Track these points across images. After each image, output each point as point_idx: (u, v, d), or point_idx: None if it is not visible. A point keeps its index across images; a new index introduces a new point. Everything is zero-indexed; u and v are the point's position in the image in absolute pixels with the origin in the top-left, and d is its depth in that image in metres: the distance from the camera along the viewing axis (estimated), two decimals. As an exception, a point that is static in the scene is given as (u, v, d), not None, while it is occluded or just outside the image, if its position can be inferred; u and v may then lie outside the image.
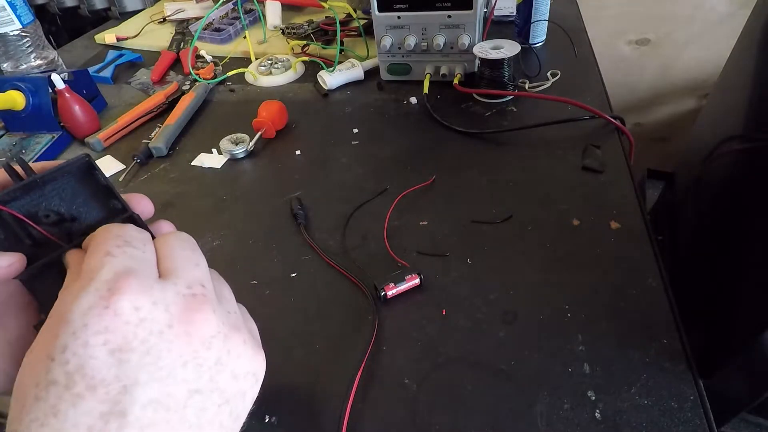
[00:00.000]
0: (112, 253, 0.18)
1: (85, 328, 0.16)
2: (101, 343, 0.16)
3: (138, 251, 0.19)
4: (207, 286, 0.20)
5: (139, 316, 0.17)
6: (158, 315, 0.17)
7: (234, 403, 0.19)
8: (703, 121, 1.07)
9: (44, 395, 0.16)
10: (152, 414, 0.16)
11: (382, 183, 0.56)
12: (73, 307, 0.17)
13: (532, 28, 0.79)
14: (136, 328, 0.17)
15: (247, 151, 0.64)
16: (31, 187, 0.22)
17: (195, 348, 0.18)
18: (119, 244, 0.19)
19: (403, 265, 0.46)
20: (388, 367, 0.39)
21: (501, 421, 0.35)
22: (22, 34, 0.80)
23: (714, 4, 1.22)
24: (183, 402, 0.17)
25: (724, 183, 0.76)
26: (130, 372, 0.16)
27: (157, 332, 0.17)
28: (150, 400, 0.16)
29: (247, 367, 0.20)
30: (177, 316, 0.18)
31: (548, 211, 0.50)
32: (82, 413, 0.16)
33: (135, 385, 0.16)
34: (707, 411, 0.34)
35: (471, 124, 0.64)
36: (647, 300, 0.41)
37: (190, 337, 0.18)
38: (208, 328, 0.18)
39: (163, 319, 0.17)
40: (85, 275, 0.18)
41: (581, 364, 0.37)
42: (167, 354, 0.17)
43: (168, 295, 0.18)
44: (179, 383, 0.17)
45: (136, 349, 0.17)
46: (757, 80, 0.74)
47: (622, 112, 0.71)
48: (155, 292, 0.18)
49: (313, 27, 0.88)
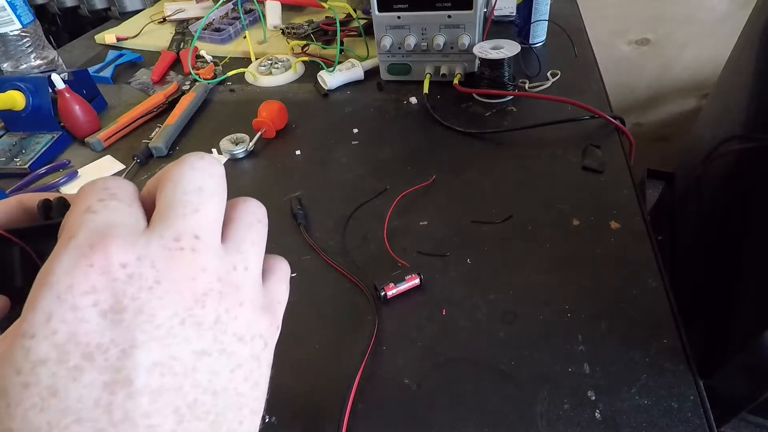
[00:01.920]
0: (92, 209, 0.16)
1: (70, 289, 0.15)
2: (91, 304, 0.15)
3: (123, 204, 0.17)
4: (203, 237, 0.17)
5: (126, 272, 0.15)
6: (145, 271, 0.16)
7: (248, 367, 0.18)
8: (703, 121, 1.07)
9: (33, 379, 0.14)
10: (159, 379, 0.15)
11: (382, 183, 0.56)
12: (54, 268, 0.15)
13: (532, 28, 0.79)
14: (125, 285, 0.15)
15: (247, 151, 0.64)
16: (52, 229, 0.20)
17: (188, 305, 0.16)
18: (102, 197, 0.17)
19: (403, 265, 0.46)
20: (388, 367, 0.39)
21: (501, 421, 0.35)
22: (22, 34, 0.80)
23: (714, 4, 1.22)
24: (191, 364, 0.16)
25: (724, 183, 0.76)
26: (125, 333, 0.15)
27: (147, 288, 0.15)
28: (153, 362, 0.15)
29: (252, 329, 0.18)
30: (163, 271, 0.16)
31: (548, 211, 0.50)
32: (84, 386, 0.14)
33: (133, 347, 0.15)
34: (707, 411, 0.34)
35: (471, 124, 0.64)
36: (647, 300, 0.41)
37: (181, 295, 0.16)
38: (199, 285, 0.16)
39: (150, 275, 0.16)
40: (64, 235, 0.16)
41: (581, 364, 0.37)
42: (161, 311, 0.15)
43: (152, 250, 0.16)
44: (181, 343, 0.16)
45: (128, 308, 0.15)
46: (757, 80, 0.74)
47: (622, 112, 0.71)
48: (139, 246, 0.16)
49: (313, 27, 0.88)
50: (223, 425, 0.16)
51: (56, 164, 0.66)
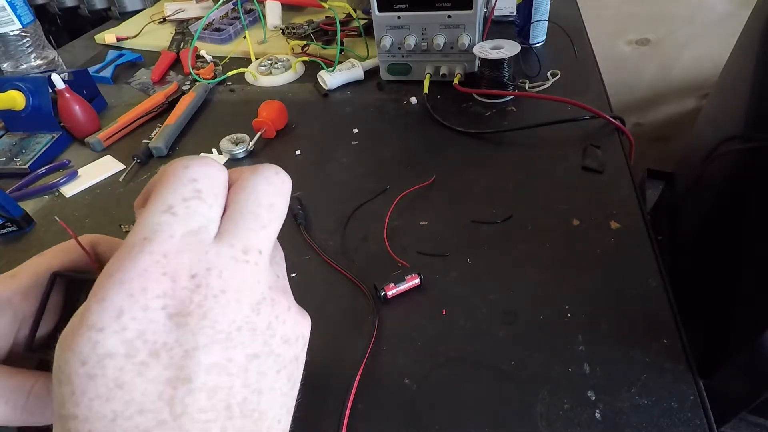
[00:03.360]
0: (173, 209, 0.17)
1: (144, 291, 0.15)
2: (161, 307, 0.16)
3: (205, 205, 0.18)
4: (264, 252, 0.19)
5: (195, 282, 0.16)
6: (212, 280, 0.17)
7: (290, 368, 0.19)
8: (703, 121, 1.07)
9: (99, 371, 0.15)
10: (216, 378, 0.16)
11: (382, 183, 0.56)
12: (128, 266, 0.16)
13: (532, 28, 0.79)
14: (192, 293, 0.16)
15: (247, 151, 0.64)
16: None
17: (246, 314, 0.17)
18: (186, 195, 0.18)
19: (403, 265, 0.46)
20: (388, 367, 0.39)
21: (501, 421, 0.35)
22: (22, 34, 0.80)
23: (714, 4, 1.22)
24: (244, 366, 0.17)
25: (724, 183, 0.76)
26: (189, 336, 0.16)
27: (212, 296, 0.17)
28: (213, 363, 0.16)
29: (296, 331, 0.20)
30: (228, 281, 0.17)
31: (548, 211, 0.50)
32: (149, 380, 0.15)
33: (196, 348, 0.16)
34: (707, 411, 0.34)
35: (471, 124, 0.64)
36: (647, 300, 0.41)
37: (241, 303, 0.17)
38: (255, 294, 0.18)
39: (216, 284, 0.17)
40: (140, 231, 0.17)
41: (581, 364, 0.37)
42: (223, 318, 0.17)
43: (222, 261, 0.17)
44: (237, 347, 0.17)
45: (193, 313, 0.16)
46: (757, 80, 0.74)
47: (622, 112, 0.71)
48: (210, 256, 0.17)
49: (313, 27, 0.88)
50: (265, 423, 0.18)
51: (56, 164, 0.66)
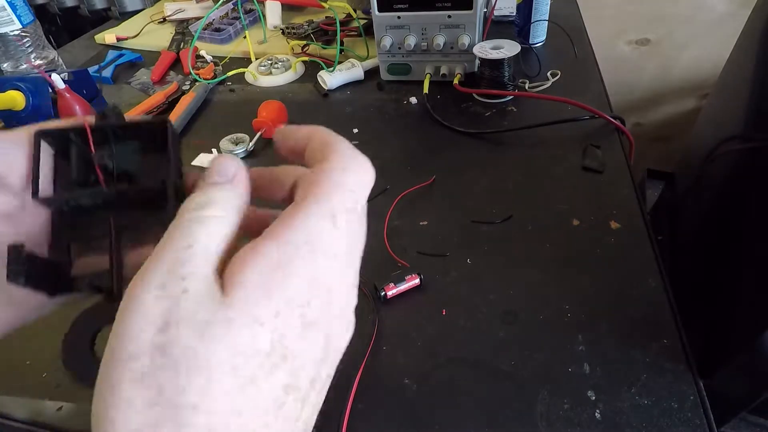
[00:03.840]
0: (337, 222, 0.18)
1: (293, 300, 0.17)
2: (299, 315, 0.17)
3: (357, 220, 0.19)
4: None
5: (327, 299, 0.18)
6: (335, 299, 0.18)
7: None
8: (703, 121, 1.07)
9: (242, 364, 0.15)
10: (318, 392, 0.18)
11: (382, 183, 0.56)
12: (289, 283, 0.17)
13: (532, 28, 0.79)
14: (321, 310, 0.18)
15: (247, 151, 0.64)
16: (105, 133, 0.22)
17: (347, 339, 0.20)
18: (349, 205, 0.18)
19: (403, 265, 0.46)
20: (388, 367, 0.39)
21: (501, 421, 0.35)
22: (22, 34, 0.80)
23: (714, 4, 1.22)
24: (324, 381, 0.19)
25: (724, 183, 0.76)
26: (309, 346, 0.17)
27: (334, 317, 0.18)
28: (312, 379, 0.17)
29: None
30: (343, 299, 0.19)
31: (548, 211, 0.50)
32: (273, 382, 0.16)
33: (311, 359, 0.17)
34: (707, 411, 0.34)
35: (471, 124, 0.64)
36: (647, 300, 0.41)
37: (351, 325, 0.20)
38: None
39: (337, 304, 0.18)
40: (298, 231, 0.17)
41: (581, 364, 0.37)
42: (342, 343, 0.19)
43: (352, 280, 0.19)
44: (330, 364, 0.19)
45: (318, 324, 0.17)
46: (757, 80, 0.74)
47: (622, 112, 0.71)
48: (349, 278, 0.19)
49: (313, 27, 0.88)
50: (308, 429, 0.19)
51: (56, 164, 0.66)
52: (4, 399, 0.41)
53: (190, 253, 0.16)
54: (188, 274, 0.16)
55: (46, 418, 0.39)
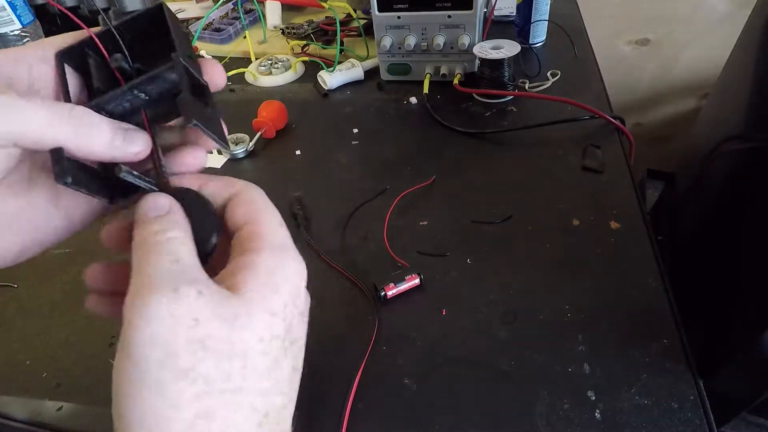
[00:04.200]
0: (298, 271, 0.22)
1: (298, 296, 0.21)
2: (296, 305, 0.21)
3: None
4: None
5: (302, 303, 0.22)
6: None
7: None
8: (703, 121, 1.07)
9: (270, 349, 0.19)
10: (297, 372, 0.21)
11: (382, 183, 0.56)
12: (300, 283, 0.21)
13: (532, 28, 0.79)
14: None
15: (247, 151, 0.64)
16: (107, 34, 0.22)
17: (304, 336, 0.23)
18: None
19: (403, 265, 0.46)
20: (388, 367, 0.39)
21: (501, 421, 0.35)
22: (22, 34, 0.80)
23: (714, 4, 1.21)
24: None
25: (724, 183, 0.76)
26: (301, 334, 0.21)
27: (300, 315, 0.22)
28: (302, 360, 0.22)
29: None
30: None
31: (548, 211, 0.50)
32: (287, 363, 0.19)
33: (302, 345, 0.21)
34: (707, 411, 0.34)
35: (471, 124, 0.64)
36: (647, 300, 0.41)
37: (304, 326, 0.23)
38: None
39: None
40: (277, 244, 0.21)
41: (581, 364, 0.37)
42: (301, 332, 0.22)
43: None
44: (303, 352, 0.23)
45: (305, 314, 0.22)
46: (757, 80, 0.74)
47: (622, 112, 0.71)
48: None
49: (313, 27, 0.88)
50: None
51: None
52: (4, 399, 0.41)
53: (181, 266, 0.18)
54: (194, 280, 0.18)
55: (46, 418, 0.39)
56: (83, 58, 0.23)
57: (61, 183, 0.19)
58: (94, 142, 0.20)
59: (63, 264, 0.52)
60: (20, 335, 0.45)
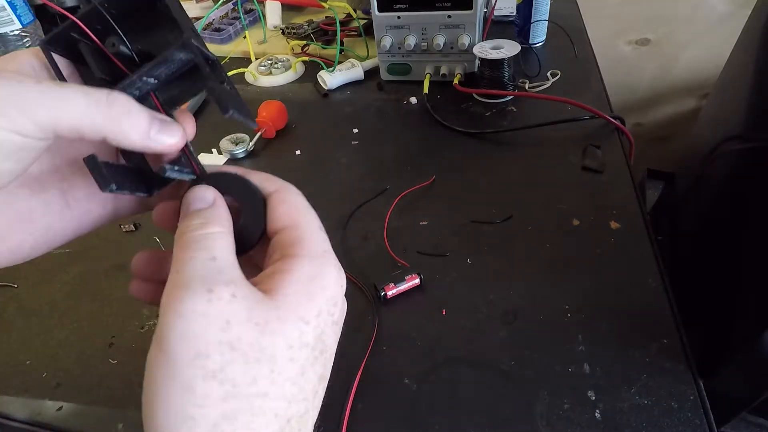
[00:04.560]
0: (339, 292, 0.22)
1: (334, 304, 0.21)
2: (330, 314, 0.20)
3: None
4: None
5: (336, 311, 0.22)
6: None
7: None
8: (703, 121, 1.07)
9: (298, 356, 0.18)
10: (325, 382, 0.21)
11: (382, 183, 0.56)
12: (330, 286, 0.21)
13: (532, 28, 0.79)
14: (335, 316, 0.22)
15: (247, 151, 0.64)
16: (97, 14, 0.20)
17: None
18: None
19: (403, 265, 0.46)
20: (388, 367, 0.39)
21: (501, 421, 0.35)
22: (22, 34, 0.80)
23: (714, 4, 1.21)
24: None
25: (725, 183, 0.76)
26: (331, 342, 0.21)
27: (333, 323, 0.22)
28: (326, 373, 0.21)
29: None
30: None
31: (548, 211, 0.50)
32: (314, 371, 0.19)
33: (332, 353, 0.21)
34: (707, 411, 0.34)
35: (471, 124, 0.64)
36: (647, 300, 0.41)
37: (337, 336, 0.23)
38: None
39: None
40: (317, 252, 0.21)
41: (581, 364, 0.37)
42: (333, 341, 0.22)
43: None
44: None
45: (339, 323, 0.22)
46: (757, 80, 0.74)
47: (622, 112, 0.71)
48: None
49: (313, 27, 0.88)
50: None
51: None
52: (4, 399, 0.41)
53: (218, 264, 0.18)
54: (229, 281, 0.18)
55: (46, 418, 0.39)
56: (73, 44, 0.21)
57: (107, 191, 0.19)
58: (131, 130, 0.19)
59: (63, 264, 0.52)
60: (20, 335, 0.45)
